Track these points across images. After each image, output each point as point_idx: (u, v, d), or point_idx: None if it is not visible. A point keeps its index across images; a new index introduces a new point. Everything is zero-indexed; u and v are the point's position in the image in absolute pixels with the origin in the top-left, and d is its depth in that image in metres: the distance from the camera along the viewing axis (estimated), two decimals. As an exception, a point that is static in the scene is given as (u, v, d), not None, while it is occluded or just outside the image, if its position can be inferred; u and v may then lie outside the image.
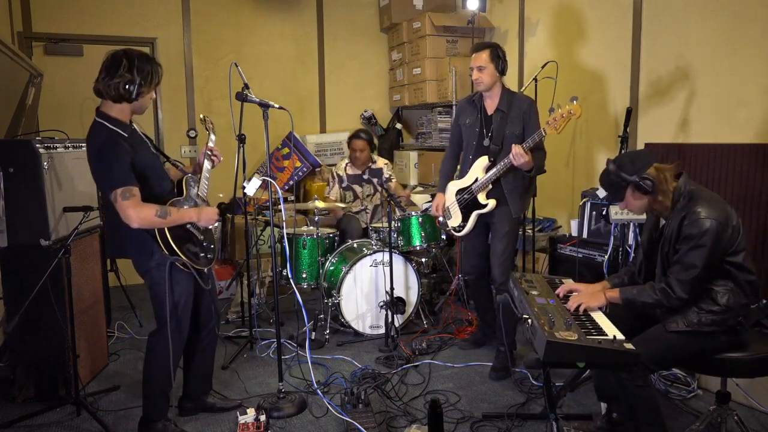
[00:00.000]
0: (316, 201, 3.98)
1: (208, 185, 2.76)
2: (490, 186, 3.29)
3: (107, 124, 2.42)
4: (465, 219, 3.42)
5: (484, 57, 3.23)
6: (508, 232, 3.33)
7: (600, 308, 2.38)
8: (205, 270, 2.61)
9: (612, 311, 2.41)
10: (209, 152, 2.82)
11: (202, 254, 2.60)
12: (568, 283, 2.60)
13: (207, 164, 2.79)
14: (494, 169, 3.22)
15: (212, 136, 2.90)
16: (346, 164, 4.66)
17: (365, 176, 4.64)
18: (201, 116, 3.03)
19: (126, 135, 2.43)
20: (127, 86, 2.38)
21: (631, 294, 2.33)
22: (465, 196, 3.39)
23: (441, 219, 3.64)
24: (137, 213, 2.31)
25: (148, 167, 2.47)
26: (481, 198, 3.32)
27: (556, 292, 2.53)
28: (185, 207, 2.54)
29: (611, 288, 2.48)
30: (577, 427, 2.63)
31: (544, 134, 3.05)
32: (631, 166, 2.26)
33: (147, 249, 2.45)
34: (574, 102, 2.94)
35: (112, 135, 2.39)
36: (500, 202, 3.31)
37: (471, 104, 3.44)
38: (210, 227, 2.68)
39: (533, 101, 3.37)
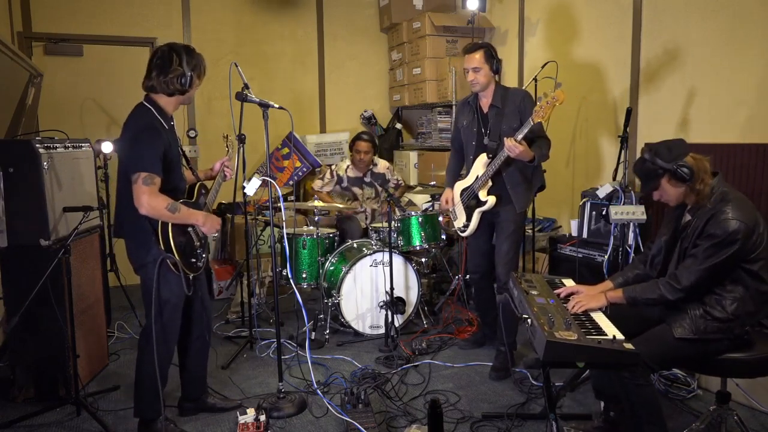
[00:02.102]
0: (317, 201, 3.98)
1: (215, 197, 2.83)
2: (491, 182, 3.30)
3: (154, 110, 2.49)
4: (468, 218, 3.43)
5: (478, 58, 3.24)
6: (513, 232, 3.33)
7: (600, 309, 2.38)
8: (191, 276, 2.61)
9: (614, 312, 2.40)
10: (225, 166, 2.89)
11: (194, 260, 2.62)
12: (570, 285, 2.59)
13: (220, 178, 2.86)
14: (492, 164, 3.23)
15: (231, 152, 2.99)
16: (348, 166, 4.66)
17: (366, 179, 4.65)
18: (224, 134, 3.11)
19: (167, 127, 2.52)
20: (181, 80, 2.47)
21: (634, 292, 2.31)
22: (467, 195, 3.40)
23: (442, 219, 3.65)
24: (150, 200, 2.36)
25: (173, 162, 2.54)
26: (482, 195, 3.33)
27: (557, 292, 2.53)
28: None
29: (614, 288, 2.47)
30: (574, 427, 2.63)
31: (532, 123, 3.04)
32: (668, 154, 2.22)
33: (146, 241, 2.47)
34: (558, 89, 2.95)
35: (156, 122, 2.47)
36: (504, 200, 3.31)
37: (467, 105, 3.47)
38: (208, 236, 2.71)
39: (527, 93, 3.38)
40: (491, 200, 3.31)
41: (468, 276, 4.00)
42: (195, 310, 2.79)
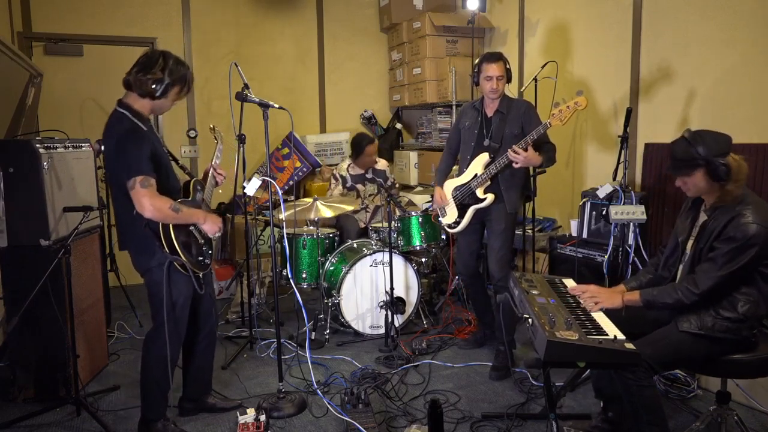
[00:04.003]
0: (318, 203, 3.95)
1: (212, 192, 2.82)
2: (489, 182, 3.34)
3: (129, 114, 2.46)
4: (461, 215, 3.45)
5: (502, 67, 3.32)
6: (504, 230, 3.37)
7: (615, 309, 2.35)
8: (201, 275, 2.62)
9: (616, 312, 2.37)
10: (213, 170, 2.84)
11: (200, 258, 2.62)
12: (585, 285, 2.54)
13: (210, 186, 2.83)
14: (494, 164, 3.27)
15: (217, 150, 2.91)
16: (349, 165, 4.67)
17: (368, 175, 4.66)
18: (210, 126, 3.05)
19: (145, 129, 2.49)
20: (155, 84, 2.43)
21: (651, 296, 2.28)
22: (462, 192, 3.42)
23: (441, 220, 3.66)
24: (152, 202, 2.34)
25: (162, 162, 2.52)
26: (479, 192, 3.36)
27: (572, 290, 2.50)
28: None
29: (629, 291, 2.44)
30: (573, 426, 2.63)
31: (549, 126, 3.11)
32: (716, 146, 2.14)
33: (149, 247, 2.46)
34: (580, 95, 3.03)
35: (135, 125, 2.44)
36: (497, 199, 3.35)
37: (472, 109, 3.51)
38: (210, 235, 2.69)
39: (530, 103, 3.44)
40: (490, 197, 3.34)
41: (457, 277, 4.02)
42: (204, 309, 2.80)
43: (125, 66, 2.51)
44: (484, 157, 3.35)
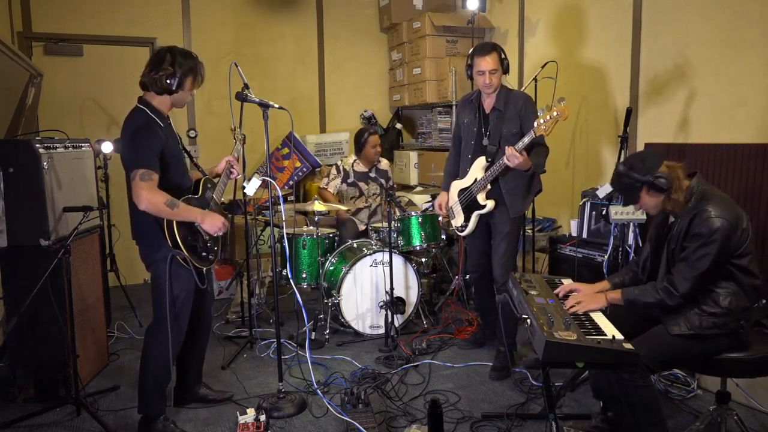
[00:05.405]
0: (317, 202, 3.97)
1: (223, 191, 2.86)
2: (489, 186, 3.30)
3: (147, 110, 2.54)
4: (467, 219, 3.43)
5: (494, 59, 3.18)
6: (509, 233, 3.33)
7: (600, 309, 2.38)
8: (204, 270, 2.64)
9: (613, 312, 2.40)
10: (231, 165, 2.89)
11: (204, 254, 2.64)
12: (568, 283, 2.59)
13: (224, 177, 2.88)
14: (491, 170, 3.23)
15: (238, 146, 2.98)
16: (354, 161, 4.66)
17: (371, 174, 4.66)
18: (232, 127, 3.09)
19: (162, 125, 2.55)
20: (168, 79, 2.51)
21: (633, 294, 2.32)
22: (465, 196, 3.40)
23: (441, 219, 3.65)
24: (148, 195, 2.39)
25: (173, 159, 2.57)
26: (481, 198, 3.33)
27: (556, 291, 2.53)
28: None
29: (612, 288, 2.48)
30: (573, 426, 2.64)
31: (534, 135, 2.99)
32: (643, 166, 2.26)
33: (156, 240, 2.50)
34: (561, 103, 2.89)
35: (151, 121, 2.51)
36: (499, 203, 3.31)
37: (469, 103, 3.45)
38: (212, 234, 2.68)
39: (528, 97, 3.34)
40: (490, 204, 3.30)
41: (467, 276, 4.00)
42: (205, 306, 2.87)
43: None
44: (482, 161, 3.31)
